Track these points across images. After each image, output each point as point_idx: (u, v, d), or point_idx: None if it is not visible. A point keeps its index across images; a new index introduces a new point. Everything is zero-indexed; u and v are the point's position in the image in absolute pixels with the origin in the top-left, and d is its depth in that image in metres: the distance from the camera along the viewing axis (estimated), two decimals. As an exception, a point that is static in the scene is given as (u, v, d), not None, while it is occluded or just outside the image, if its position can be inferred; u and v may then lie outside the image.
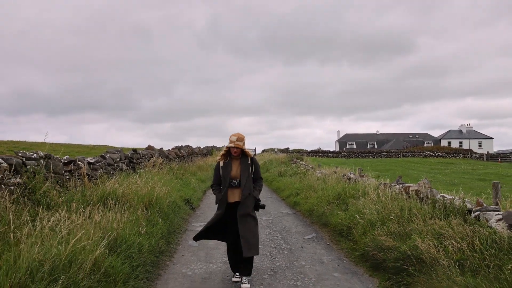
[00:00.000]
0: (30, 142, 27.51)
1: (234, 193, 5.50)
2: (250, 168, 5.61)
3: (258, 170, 5.78)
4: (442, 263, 4.82)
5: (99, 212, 6.10)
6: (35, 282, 3.44)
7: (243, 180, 5.47)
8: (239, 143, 5.47)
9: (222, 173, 5.55)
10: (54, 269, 3.74)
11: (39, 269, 3.62)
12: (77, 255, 4.13)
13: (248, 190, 5.49)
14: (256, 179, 5.75)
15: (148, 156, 16.71)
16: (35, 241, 4.11)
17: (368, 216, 7.40)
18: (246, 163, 5.58)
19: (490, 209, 6.14)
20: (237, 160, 5.60)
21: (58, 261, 3.85)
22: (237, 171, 5.53)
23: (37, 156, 7.88)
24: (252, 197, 5.54)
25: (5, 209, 5.33)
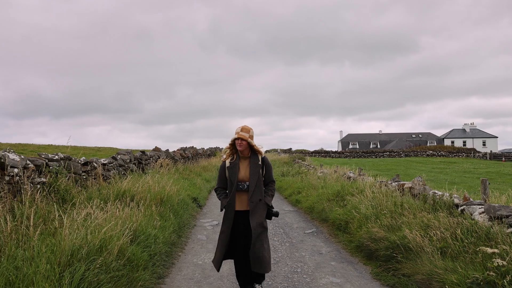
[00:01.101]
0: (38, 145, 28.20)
1: (241, 199, 4.76)
2: (261, 169, 4.86)
3: (270, 171, 4.99)
4: (426, 251, 5.42)
5: (119, 208, 6.72)
6: (77, 261, 4.08)
7: (252, 184, 4.72)
8: (244, 134, 4.73)
9: (229, 175, 4.82)
10: (90, 253, 4.37)
11: (79, 251, 4.26)
12: (106, 243, 4.76)
13: (259, 195, 4.74)
14: (267, 183, 4.98)
15: (155, 157, 17.37)
16: (73, 229, 4.75)
17: (363, 211, 8.01)
18: (256, 163, 4.83)
19: (475, 203, 6.73)
20: (245, 160, 4.85)
21: (92, 246, 4.49)
22: (246, 173, 4.78)
23: (58, 158, 8.53)
24: (264, 204, 4.78)
25: (37, 204, 5.95)
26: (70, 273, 3.88)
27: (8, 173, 6.46)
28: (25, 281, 3.57)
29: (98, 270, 4.18)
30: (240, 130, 4.80)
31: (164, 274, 5.77)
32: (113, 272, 4.46)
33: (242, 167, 4.84)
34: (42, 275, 3.66)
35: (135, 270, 5.05)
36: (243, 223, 4.74)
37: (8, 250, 4.13)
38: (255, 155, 4.89)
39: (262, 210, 4.76)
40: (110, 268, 4.44)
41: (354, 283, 5.57)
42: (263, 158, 4.94)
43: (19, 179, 6.63)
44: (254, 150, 4.90)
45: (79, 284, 3.83)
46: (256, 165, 4.83)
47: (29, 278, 3.59)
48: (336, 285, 5.49)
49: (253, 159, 4.86)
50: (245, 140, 4.76)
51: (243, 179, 4.79)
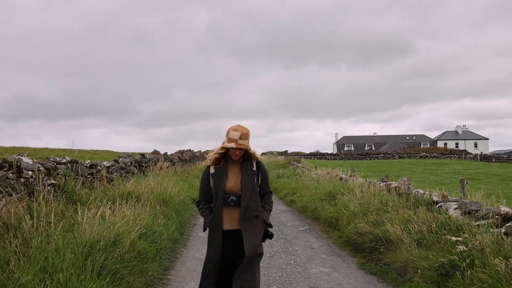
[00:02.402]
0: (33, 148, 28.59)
1: (231, 216, 3.69)
2: (255, 177, 3.83)
3: (266, 180, 4.00)
4: (405, 242, 6.05)
5: (127, 207, 7.31)
6: (97, 252, 4.68)
7: (245, 195, 3.68)
8: (243, 142, 3.68)
9: (214, 184, 3.76)
10: (106, 245, 4.96)
11: (98, 243, 4.85)
12: (119, 237, 5.36)
13: (255, 210, 3.70)
14: (263, 194, 3.97)
15: (155, 160, 17.96)
16: (91, 225, 5.35)
17: (351, 209, 8.65)
18: (249, 169, 3.80)
19: (451, 200, 7.38)
20: (236, 165, 3.81)
21: (108, 240, 5.08)
22: (237, 182, 3.73)
23: (66, 161, 9.12)
24: (261, 222, 3.76)
25: (51, 204, 6.53)
26: (92, 262, 4.47)
27: (23, 175, 7.04)
28: (55, 267, 4.16)
29: (115, 260, 4.78)
30: (239, 137, 3.64)
31: (170, 266, 6.36)
32: (127, 262, 5.06)
33: (231, 175, 3.76)
34: (69, 263, 4.25)
35: (145, 262, 5.64)
36: (231, 246, 3.68)
37: (35, 243, 4.72)
38: (248, 159, 3.84)
39: (259, 229, 3.70)
40: (124, 259, 5.04)
41: (341, 272, 6.19)
42: (258, 163, 3.89)
43: (33, 180, 7.21)
44: (248, 154, 3.85)
45: (100, 271, 4.42)
46: (250, 172, 3.78)
47: (57, 265, 4.18)
48: (325, 274, 6.11)
49: (245, 164, 3.81)
50: (244, 149, 3.73)
51: (232, 189, 3.70)
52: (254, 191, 3.78)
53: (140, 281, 5.07)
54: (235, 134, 3.68)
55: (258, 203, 3.79)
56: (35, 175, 7.23)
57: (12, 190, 6.43)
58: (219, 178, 3.74)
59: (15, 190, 6.49)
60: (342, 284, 5.62)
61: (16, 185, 6.67)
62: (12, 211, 5.34)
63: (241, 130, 3.71)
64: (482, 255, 4.68)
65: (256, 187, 3.84)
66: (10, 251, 4.40)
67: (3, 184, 6.25)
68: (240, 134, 3.68)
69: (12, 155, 7.57)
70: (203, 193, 3.90)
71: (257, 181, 3.88)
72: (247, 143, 3.74)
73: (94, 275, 4.27)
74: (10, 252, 4.37)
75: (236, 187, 3.73)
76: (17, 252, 4.46)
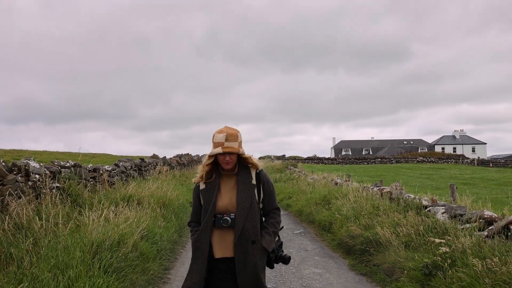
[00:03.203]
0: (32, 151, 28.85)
1: (226, 240, 3.04)
2: (255, 190, 3.15)
3: (271, 193, 3.27)
4: (393, 244, 6.38)
5: (129, 210, 7.64)
6: (103, 251, 5.01)
7: (240, 215, 3.02)
8: (231, 144, 3.05)
9: (204, 202, 3.11)
10: (111, 245, 5.29)
11: (104, 243, 5.18)
12: (123, 238, 5.69)
13: (251, 235, 3.01)
14: (268, 211, 3.24)
15: (154, 164, 18.28)
16: (96, 226, 5.68)
17: (344, 213, 8.99)
18: (247, 182, 3.13)
19: (439, 204, 7.74)
20: (231, 178, 3.16)
21: (113, 240, 5.41)
22: (231, 199, 3.08)
23: (69, 165, 9.46)
24: (261, 249, 3.06)
25: (57, 206, 6.85)
26: (98, 260, 4.80)
27: (31, 178, 7.37)
28: (65, 264, 4.48)
29: (119, 259, 5.11)
30: (225, 139, 3.03)
31: (170, 266, 6.68)
32: (130, 261, 5.39)
33: (225, 190, 3.12)
34: (78, 260, 4.57)
35: (146, 262, 5.97)
36: (224, 279, 3.02)
37: (45, 243, 5.04)
38: (245, 169, 3.17)
39: (258, 257, 3.02)
40: (128, 258, 5.37)
41: (333, 272, 6.52)
42: (260, 173, 3.20)
43: (40, 184, 7.53)
44: (244, 161, 3.18)
45: (106, 268, 4.75)
46: (248, 186, 3.11)
47: (68, 263, 4.51)
48: (317, 274, 6.44)
49: (242, 176, 3.14)
50: (235, 153, 3.07)
51: (226, 208, 3.05)
52: (253, 209, 3.05)
53: (143, 279, 5.39)
54: (219, 136, 3.04)
55: (256, 224, 3.05)
56: (42, 178, 7.56)
57: (21, 192, 6.75)
58: (209, 194, 3.07)
59: (24, 192, 6.81)
60: (333, 284, 5.95)
61: (24, 188, 6.99)
62: (25, 213, 5.65)
63: (226, 131, 3.06)
64: (463, 256, 5.02)
65: (256, 204, 3.10)
66: (24, 249, 4.72)
67: (13, 187, 6.57)
68: (226, 135, 3.03)
69: (20, 159, 7.90)
70: (194, 214, 3.23)
71: (258, 196, 3.14)
72: (238, 145, 3.06)
73: (101, 272, 4.60)
74: (24, 250, 4.70)
75: (231, 205, 3.05)
76: (29, 251, 4.78)
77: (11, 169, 7.04)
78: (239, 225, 2.98)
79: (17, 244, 4.91)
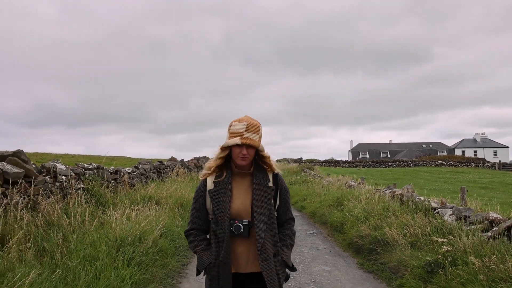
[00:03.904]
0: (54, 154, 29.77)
1: (239, 252, 2.65)
2: (273, 195, 2.73)
3: (287, 201, 2.87)
4: (400, 244, 6.65)
5: (149, 209, 8.08)
6: (126, 246, 5.43)
7: (261, 221, 2.62)
8: (252, 136, 2.64)
9: (213, 205, 2.65)
10: (133, 241, 5.72)
11: (126, 239, 5.61)
12: (144, 235, 6.11)
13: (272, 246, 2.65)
14: (283, 221, 2.86)
15: (172, 166, 18.79)
16: (119, 223, 6.12)
17: (355, 214, 9.26)
18: (264, 184, 2.72)
19: (448, 206, 7.96)
20: (244, 178, 2.77)
21: (135, 236, 5.84)
22: (245, 201, 2.68)
23: (93, 167, 9.97)
24: (281, 263, 2.69)
25: (82, 205, 7.32)
26: (122, 254, 5.22)
27: (59, 179, 7.86)
28: (92, 257, 4.91)
29: (141, 253, 5.53)
30: (245, 128, 2.62)
31: (187, 262, 7.07)
32: (150, 256, 5.80)
33: (237, 191, 2.71)
34: (103, 254, 5.00)
35: (165, 257, 6.38)
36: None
37: (73, 238, 5.49)
38: (261, 170, 2.76)
39: (281, 273, 2.67)
40: (148, 253, 5.78)
41: (342, 270, 6.83)
42: (277, 176, 2.79)
43: (66, 184, 8.02)
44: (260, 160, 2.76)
45: (129, 261, 5.16)
46: (265, 188, 2.69)
47: (95, 255, 4.94)
48: (327, 271, 6.75)
49: (258, 177, 2.73)
50: (254, 148, 2.65)
51: (239, 213, 2.64)
52: (272, 217, 2.66)
53: (162, 273, 5.80)
54: (239, 125, 2.63)
55: (276, 235, 2.68)
56: (68, 179, 8.05)
57: (50, 192, 7.23)
58: (221, 195, 2.62)
59: (52, 192, 7.29)
60: (341, 280, 6.26)
61: (53, 188, 7.48)
62: (55, 211, 6.11)
63: (247, 120, 2.65)
64: (463, 255, 5.28)
65: (274, 211, 2.71)
66: (55, 243, 5.17)
67: (43, 187, 7.05)
68: (247, 124, 2.62)
69: (43, 162, 8.42)
70: (196, 219, 2.77)
71: (274, 202, 2.73)
72: (259, 139, 2.66)
73: (124, 264, 5.02)
74: (55, 244, 5.14)
75: (244, 210, 2.62)
76: (59, 245, 5.22)
77: (41, 171, 7.55)
78: (261, 234, 2.56)
79: (48, 238, 5.36)
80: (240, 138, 2.60)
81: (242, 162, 2.66)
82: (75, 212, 6.52)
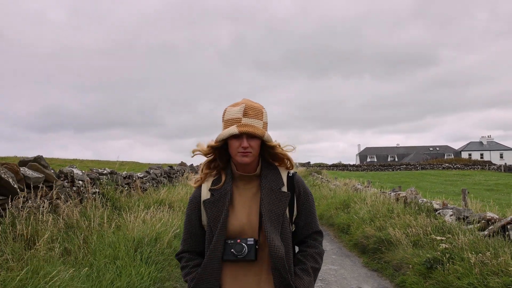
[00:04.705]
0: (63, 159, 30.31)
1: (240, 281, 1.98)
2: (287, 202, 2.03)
3: (311, 209, 2.14)
4: (403, 243, 6.96)
5: (163, 212, 8.45)
6: (143, 246, 5.80)
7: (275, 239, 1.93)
8: (253, 122, 1.96)
9: (208, 219, 2.02)
10: (149, 241, 6.08)
11: (143, 240, 5.97)
12: (159, 236, 6.47)
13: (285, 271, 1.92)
14: (305, 236, 2.14)
15: (182, 171, 19.19)
16: (136, 225, 6.49)
17: (361, 216, 9.58)
18: (276, 188, 2.03)
19: (449, 207, 8.26)
20: (248, 183, 2.08)
21: (151, 237, 6.20)
22: (251, 214, 2.01)
23: (106, 172, 10.37)
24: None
25: (99, 209, 7.71)
26: (140, 253, 5.58)
27: (76, 184, 8.26)
28: (113, 256, 5.28)
29: (157, 253, 5.89)
30: (243, 113, 1.96)
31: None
32: (166, 256, 6.16)
33: (239, 201, 2.05)
34: (123, 253, 5.36)
35: (179, 257, 6.73)
36: None
37: (93, 239, 5.87)
38: (272, 170, 2.08)
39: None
40: (164, 253, 6.14)
41: (347, 268, 7.15)
42: (293, 177, 2.10)
43: (83, 189, 8.42)
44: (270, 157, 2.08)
45: (147, 260, 5.52)
46: (277, 195, 2.02)
47: (115, 255, 5.30)
48: (333, 270, 7.07)
49: (268, 180, 2.05)
50: (257, 137, 1.96)
51: (242, 229, 2.00)
52: (286, 233, 1.99)
53: (177, 272, 6.14)
54: (234, 110, 1.99)
55: (291, 256, 2.00)
56: (85, 184, 8.45)
57: (68, 196, 7.62)
58: (217, 207, 1.99)
59: (70, 197, 7.69)
60: (347, 278, 6.58)
61: (70, 192, 7.88)
62: (74, 214, 6.50)
63: (245, 103, 1.99)
64: (461, 252, 5.59)
65: (289, 225, 2.03)
66: (76, 244, 5.54)
67: (61, 191, 7.45)
68: (245, 107, 1.96)
69: (65, 167, 8.83)
70: (189, 238, 2.10)
71: (290, 212, 2.05)
72: (263, 126, 1.99)
73: (143, 263, 5.38)
74: (76, 245, 5.52)
75: (250, 226, 1.99)
76: (80, 246, 5.59)
77: (59, 176, 7.95)
78: (277, 251, 1.89)
79: (70, 240, 5.74)
80: (237, 126, 1.91)
81: (244, 159, 1.94)
82: (93, 215, 6.90)
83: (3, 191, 5.73)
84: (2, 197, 5.64)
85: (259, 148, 2.01)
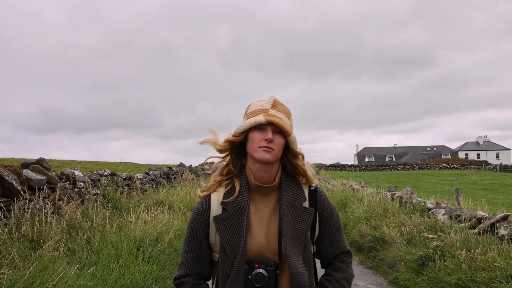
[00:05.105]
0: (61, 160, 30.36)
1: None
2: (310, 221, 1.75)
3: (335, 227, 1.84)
4: (397, 241, 7.16)
5: (163, 213, 8.63)
6: (144, 245, 5.98)
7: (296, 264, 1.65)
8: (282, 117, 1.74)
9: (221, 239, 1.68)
10: (151, 241, 6.26)
11: (144, 239, 6.16)
12: (160, 236, 6.65)
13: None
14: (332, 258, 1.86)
15: (181, 172, 19.36)
16: (138, 225, 6.67)
17: (357, 215, 9.78)
18: (297, 203, 1.76)
19: (442, 206, 8.48)
20: (266, 196, 1.78)
21: (152, 237, 6.38)
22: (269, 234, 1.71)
23: (107, 174, 10.54)
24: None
25: (100, 210, 7.88)
26: (142, 252, 5.77)
27: (77, 186, 8.44)
28: (116, 255, 5.46)
29: (158, 252, 6.07)
30: (271, 104, 1.77)
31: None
32: (167, 255, 6.34)
33: (257, 217, 1.76)
34: (125, 253, 5.54)
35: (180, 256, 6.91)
36: None
37: (95, 239, 6.04)
38: (292, 182, 1.82)
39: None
40: (165, 252, 6.32)
41: (343, 267, 7.34)
42: (315, 191, 1.85)
43: (84, 190, 8.60)
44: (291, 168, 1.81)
45: (148, 259, 5.71)
46: (300, 211, 1.76)
47: (118, 254, 5.49)
48: (329, 268, 7.26)
49: (289, 193, 1.78)
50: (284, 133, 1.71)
51: (260, 252, 1.70)
52: (308, 256, 1.75)
53: (178, 270, 6.34)
54: (262, 103, 1.80)
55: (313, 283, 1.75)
56: (86, 186, 8.62)
57: (70, 198, 7.80)
58: (232, 226, 1.71)
59: (72, 198, 7.86)
60: (342, 275, 6.77)
61: (72, 194, 8.05)
62: (77, 215, 6.68)
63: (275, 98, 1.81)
64: (452, 248, 5.79)
65: (311, 246, 1.80)
66: (79, 244, 5.72)
67: (63, 193, 7.62)
68: (274, 100, 1.80)
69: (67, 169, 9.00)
70: (192, 260, 1.79)
71: (311, 231, 1.79)
72: (290, 124, 1.77)
73: (145, 262, 5.56)
74: (79, 245, 5.70)
75: (268, 248, 1.71)
76: (83, 246, 5.77)
77: (61, 178, 8.12)
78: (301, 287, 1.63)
79: (73, 240, 5.91)
80: (264, 115, 1.70)
81: (265, 155, 1.67)
82: (95, 216, 7.08)
83: (7, 193, 5.90)
84: (7, 199, 5.81)
85: (282, 150, 1.74)
